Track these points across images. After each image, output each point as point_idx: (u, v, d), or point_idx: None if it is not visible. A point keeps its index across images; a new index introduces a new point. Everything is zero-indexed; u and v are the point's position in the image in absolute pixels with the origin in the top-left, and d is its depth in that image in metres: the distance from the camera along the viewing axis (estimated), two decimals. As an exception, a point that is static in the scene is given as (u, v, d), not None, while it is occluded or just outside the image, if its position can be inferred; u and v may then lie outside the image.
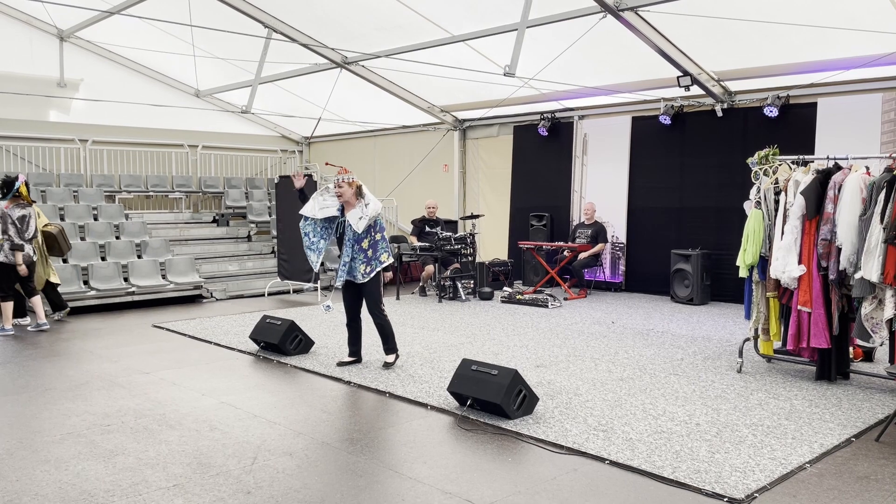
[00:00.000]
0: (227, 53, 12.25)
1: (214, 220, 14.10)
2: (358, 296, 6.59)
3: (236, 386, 6.06)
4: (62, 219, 11.61)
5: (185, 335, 8.31)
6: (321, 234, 6.51)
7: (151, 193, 14.12)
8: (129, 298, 10.42)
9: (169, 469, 4.20)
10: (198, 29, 10.42)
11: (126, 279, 10.59)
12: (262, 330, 7.37)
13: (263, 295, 11.61)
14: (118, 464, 4.29)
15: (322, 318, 9.26)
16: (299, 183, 6.68)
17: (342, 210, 6.50)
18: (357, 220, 6.37)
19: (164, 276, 10.94)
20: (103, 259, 10.87)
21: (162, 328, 8.78)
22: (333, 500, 3.76)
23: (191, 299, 11.05)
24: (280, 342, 7.06)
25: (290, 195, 11.56)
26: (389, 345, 6.62)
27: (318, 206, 6.48)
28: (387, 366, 6.58)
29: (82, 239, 11.21)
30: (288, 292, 11.86)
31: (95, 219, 12.05)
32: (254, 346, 7.50)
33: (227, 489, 3.91)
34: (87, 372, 6.58)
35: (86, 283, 10.25)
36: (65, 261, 10.37)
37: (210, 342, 7.89)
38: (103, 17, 11.72)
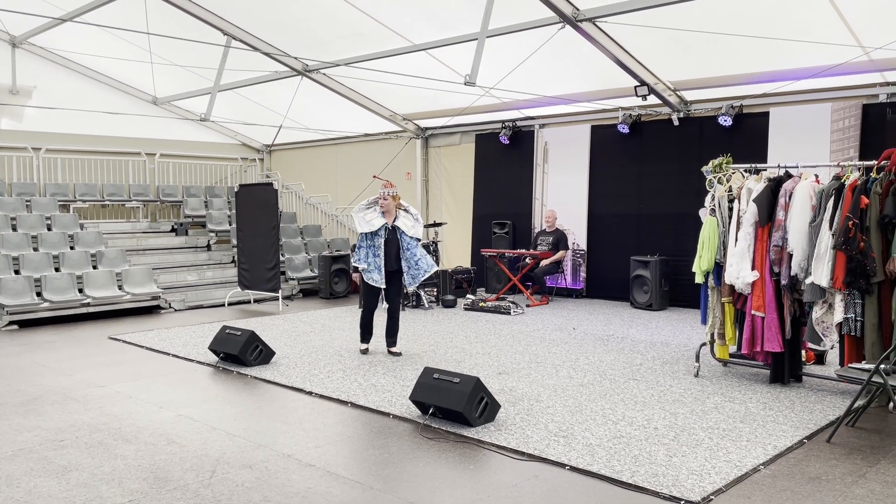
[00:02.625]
0: (185, 61, 12.09)
1: (173, 230, 13.88)
2: (380, 296, 7.54)
3: (195, 398, 5.97)
4: (14, 229, 11.32)
5: (142, 347, 8.16)
6: (374, 251, 7.32)
7: (107, 203, 13.85)
8: (83, 310, 10.19)
9: (125, 484, 4.12)
10: (155, 36, 10.26)
11: (81, 290, 10.36)
12: (222, 341, 7.27)
13: (223, 305, 11.45)
14: (72, 480, 4.19)
15: (283, 329, 9.18)
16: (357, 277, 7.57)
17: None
18: (411, 226, 7.31)
19: (120, 287, 10.73)
20: (57, 270, 10.61)
21: (118, 340, 8.61)
22: (294, 512, 3.73)
23: (148, 310, 10.85)
24: (240, 353, 6.97)
25: (251, 204, 11.46)
26: (396, 337, 7.56)
27: (366, 222, 7.28)
28: (396, 354, 7.42)
29: (35, 249, 10.94)
30: (248, 302, 11.73)
31: (49, 229, 11.77)
32: (213, 358, 7.40)
33: (184, 503, 3.85)
34: (39, 386, 6.41)
35: (38, 294, 10.00)
36: (17, 272, 10.10)
37: (168, 354, 7.76)
38: (57, 23, 11.48)
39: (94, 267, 11.05)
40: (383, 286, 7.32)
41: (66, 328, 9.54)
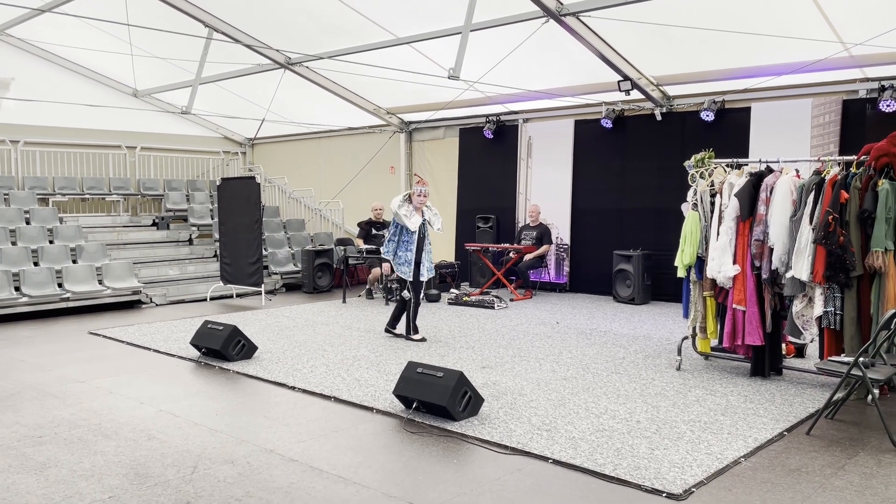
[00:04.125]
0: (166, 53, 11.96)
1: (154, 224, 13.75)
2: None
3: (176, 393, 5.92)
4: (-9, 223, 11.16)
5: (122, 342, 8.08)
6: (405, 245, 7.68)
7: (87, 196, 13.69)
8: (63, 305, 10.07)
9: (104, 480, 4.08)
10: (136, 27, 10.14)
11: (60, 285, 10.23)
12: (204, 335, 7.22)
13: (205, 299, 11.38)
14: (51, 476, 4.14)
15: (266, 323, 9.13)
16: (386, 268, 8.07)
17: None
18: (435, 220, 7.77)
19: (100, 282, 10.61)
20: (36, 264, 10.47)
21: (98, 335, 8.52)
22: (276, 508, 3.72)
23: (129, 305, 10.74)
24: (222, 348, 6.92)
25: (233, 197, 11.37)
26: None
27: (408, 219, 7.60)
28: (421, 340, 7.80)
29: (13, 244, 10.79)
30: (231, 296, 11.65)
31: (27, 222, 11.61)
32: (195, 353, 7.34)
33: (165, 499, 3.82)
34: (17, 381, 6.33)
35: (17, 289, 9.87)
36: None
37: (149, 349, 7.69)
38: (35, 14, 11.30)
39: (74, 261, 10.93)
40: (411, 278, 7.68)
41: (45, 323, 9.43)
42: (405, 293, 7.74)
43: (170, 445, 4.64)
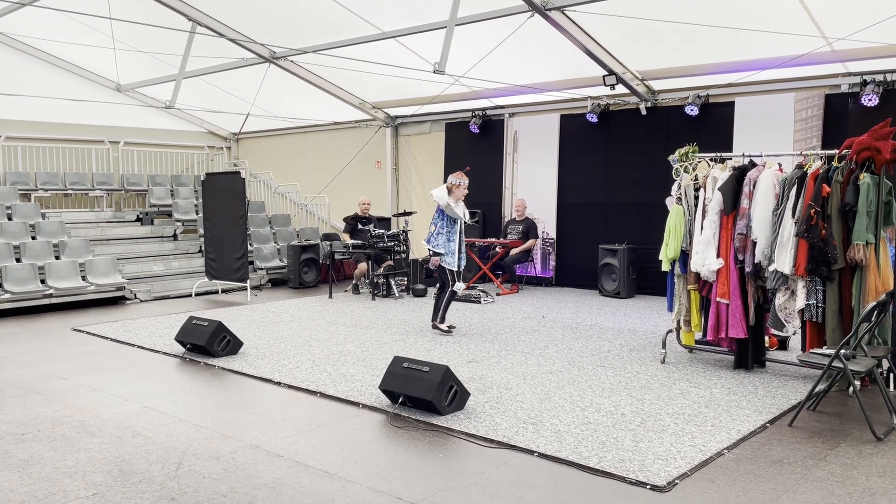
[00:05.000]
0: (149, 47, 11.85)
1: (138, 219, 13.65)
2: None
3: (161, 390, 5.89)
4: (-28, 219, 11.03)
5: (106, 338, 8.02)
6: (450, 236, 7.85)
7: (70, 192, 13.56)
8: (46, 301, 9.98)
9: (88, 477, 4.05)
10: (118, 21, 10.03)
11: (43, 281, 10.14)
12: (189, 331, 7.18)
13: (190, 295, 11.31)
14: (34, 473, 4.11)
15: (252, 319, 9.10)
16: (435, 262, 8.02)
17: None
18: (467, 212, 8.02)
19: (84, 278, 10.52)
20: (18, 260, 10.36)
21: (82, 332, 8.46)
22: None
23: (113, 301, 10.67)
24: (207, 343, 6.89)
25: (218, 193, 11.30)
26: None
27: (455, 211, 7.78)
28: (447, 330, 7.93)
29: (-5, 240, 10.68)
30: (216, 292, 11.59)
31: (10, 218, 11.49)
32: (180, 349, 7.30)
33: (150, 496, 3.80)
34: (0, 379, 6.27)
35: (-1, 285, 9.78)
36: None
37: (133, 345, 7.65)
38: (16, 7, 11.16)
39: (57, 257, 10.83)
40: (457, 268, 7.88)
41: (28, 320, 9.34)
42: (459, 285, 7.94)
43: (154, 442, 4.62)
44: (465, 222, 7.99)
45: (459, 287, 7.95)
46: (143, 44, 11.76)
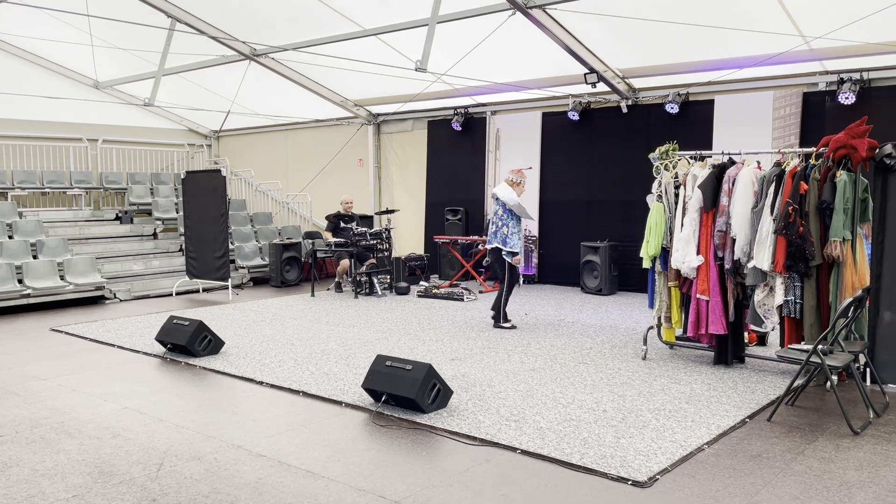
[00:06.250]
0: (128, 44, 11.72)
1: (117, 218, 13.51)
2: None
3: (141, 390, 5.84)
4: (-53, 218, 10.87)
5: (86, 339, 7.94)
6: (519, 235, 7.95)
7: (48, 190, 13.40)
8: (24, 301, 9.85)
9: (68, 479, 4.01)
10: (96, 18, 9.91)
11: (20, 281, 10.01)
12: (169, 331, 7.13)
13: (171, 295, 11.22)
14: (12, 476, 4.06)
15: (233, 318, 9.05)
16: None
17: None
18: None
19: (62, 277, 10.40)
20: (-5, 260, 10.23)
21: (61, 332, 8.36)
22: None
23: (92, 301, 10.56)
24: (188, 343, 6.84)
25: (199, 191, 11.22)
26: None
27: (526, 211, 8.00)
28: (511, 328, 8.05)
29: (-29, 239, 10.53)
30: (197, 291, 11.51)
31: (-15, 217, 11.34)
32: (160, 349, 7.25)
33: (130, 497, 3.77)
34: (-24, 381, 6.19)
35: (-25, 285, 9.63)
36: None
37: (113, 345, 7.57)
38: (-10, 2, 11.00)
39: (35, 256, 10.70)
40: (522, 265, 8.17)
41: (5, 320, 9.22)
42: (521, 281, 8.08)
43: (135, 443, 4.59)
44: (530, 219, 8.11)
45: (520, 282, 8.05)
46: (121, 41, 11.64)
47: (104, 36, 11.41)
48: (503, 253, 7.87)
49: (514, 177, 7.98)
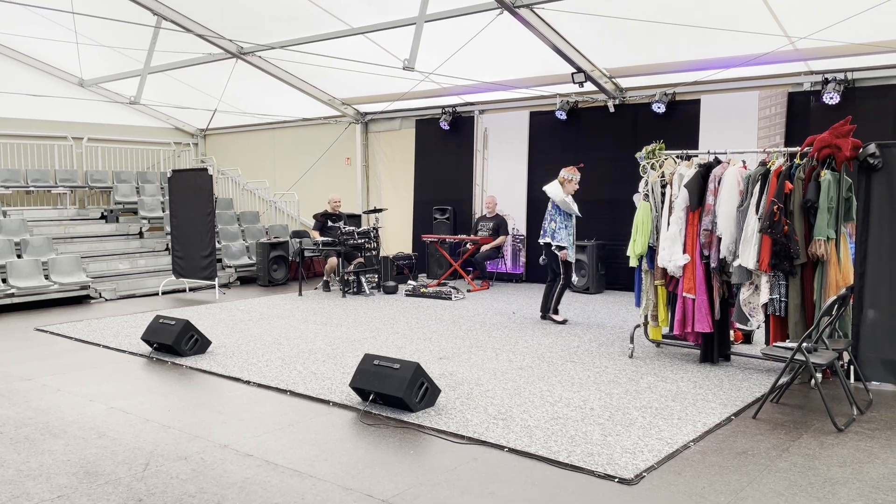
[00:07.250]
0: (113, 41, 11.64)
1: (103, 217, 13.41)
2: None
3: (127, 390, 5.81)
4: (-70, 217, 10.75)
5: (71, 338, 7.88)
6: (569, 230, 8.17)
7: (32, 189, 13.28)
8: (7, 301, 9.76)
9: (53, 480, 3.98)
10: (81, 15, 9.82)
11: (4, 280, 9.93)
12: (155, 330, 7.09)
13: (157, 294, 11.16)
14: (-5, 478, 4.03)
15: (220, 317, 9.01)
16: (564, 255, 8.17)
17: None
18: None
19: (47, 277, 10.32)
20: (-22, 259, 10.14)
21: (45, 332, 8.29)
22: None
23: (78, 300, 10.48)
24: (174, 343, 6.81)
25: (185, 190, 11.16)
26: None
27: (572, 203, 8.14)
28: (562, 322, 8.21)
29: (-46, 238, 10.42)
30: (184, 291, 11.45)
31: (-31, 216, 11.23)
32: (146, 348, 7.20)
33: (116, 498, 3.75)
34: (-40, 381, 6.13)
35: (-42, 285, 9.54)
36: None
37: (99, 345, 7.52)
38: (-27, -1, 10.87)
39: (19, 256, 10.60)
40: (574, 260, 8.36)
41: (-12, 320, 9.14)
42: (575, 277, 8.17)
43: (120, 443, 4.56)
44: (577, 216, 8.24)
45: (575, 279, 7.99)
46: (107, 38, 11.55)
47: (89, 33, 11.32)
48: (552, 247, 8.11)
49: (566, 174, 8.19)
